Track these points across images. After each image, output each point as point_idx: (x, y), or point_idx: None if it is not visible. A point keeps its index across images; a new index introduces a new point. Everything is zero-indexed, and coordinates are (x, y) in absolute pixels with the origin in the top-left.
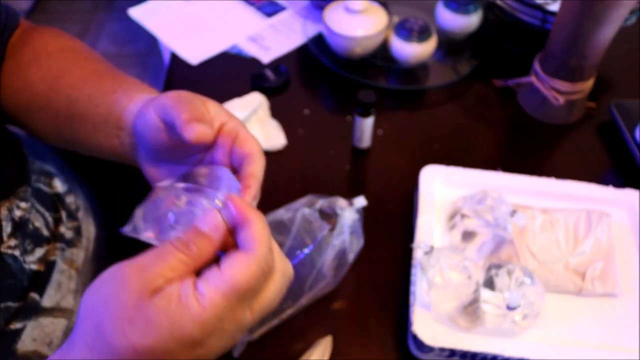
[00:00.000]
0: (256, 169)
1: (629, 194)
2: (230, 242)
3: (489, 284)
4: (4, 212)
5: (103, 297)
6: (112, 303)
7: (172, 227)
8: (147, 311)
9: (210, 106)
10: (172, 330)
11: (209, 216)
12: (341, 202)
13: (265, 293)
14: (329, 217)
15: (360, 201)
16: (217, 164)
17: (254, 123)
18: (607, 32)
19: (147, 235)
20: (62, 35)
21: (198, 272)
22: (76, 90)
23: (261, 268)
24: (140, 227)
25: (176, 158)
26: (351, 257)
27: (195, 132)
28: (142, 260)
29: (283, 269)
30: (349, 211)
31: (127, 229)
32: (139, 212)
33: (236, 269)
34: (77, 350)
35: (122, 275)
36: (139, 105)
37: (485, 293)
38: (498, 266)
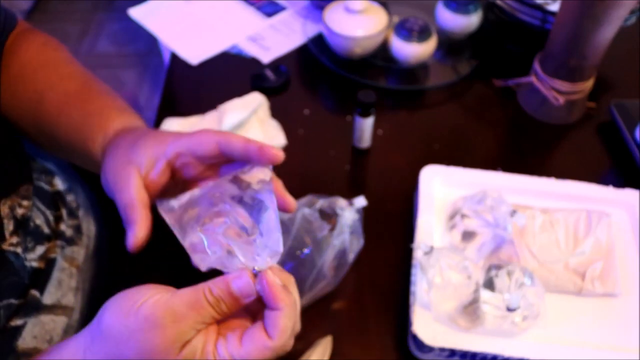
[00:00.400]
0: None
1: (629, 194)
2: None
3: (489, 284)
4: (6, 210)
5: (136, 336)
6: (143, 344)
7: (195, 240)
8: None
9: (142, 152)
10: None
11: (244, 282)
12: (341, 202)
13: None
14: (329, 217)
15: (360, 201)
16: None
17: (254, 123)
18: (607, 32)
19: (171, 222)
20: (48, 44)
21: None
22: (54, 118)
23: (276, 353)
24: (172, 209)
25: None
26: (351, 257)
27: (130, 246)
28: (178, 309)
29: (296, 333)
30: (349, 211)
31: (160, 204)
32: (183, 198)
33: (253, 350)
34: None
35: (159, 322)
36: (100, 151)
37: (485, 294)
38: (498, 267)
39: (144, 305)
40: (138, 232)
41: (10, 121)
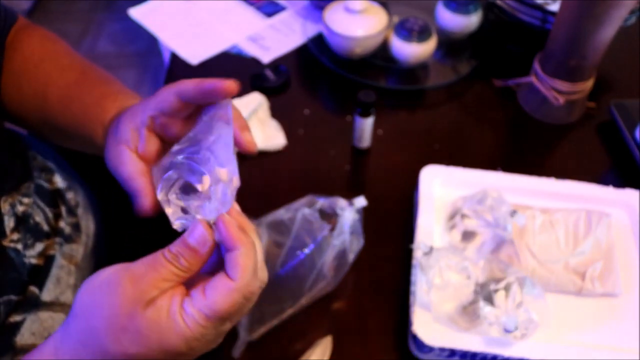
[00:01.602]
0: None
1: (629, 194)
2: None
3: (489, 298)
4: (7, 207)
5: (99, 302)
6: (107, 309)
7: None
8: (139, 321)
9: (128, 121)
10: (160, 341)
11: (198, 232)
12: (341, 202)
13: (246, 308)
14: (329, 217)
15: (361, 201)
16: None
17: (254, 123)
18: (607, 32)
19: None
20: (48, 38)
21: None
22: (58, 112)
23: (243, 295)
24: (154, 173)
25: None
26: (351, 257)
27: (139, 212)
28: (136, 269)
29: (262, 281)
30: (349, 211)
31: (152, 171)
32: (164, 160)
33: (218, 296)
34: (71, 344)
35: (118, 283)
36: (103, 140)
37: (485, 308)
38: (498, 280)
39: (104, 273)
40: (142, 200)
41: (16, 115)
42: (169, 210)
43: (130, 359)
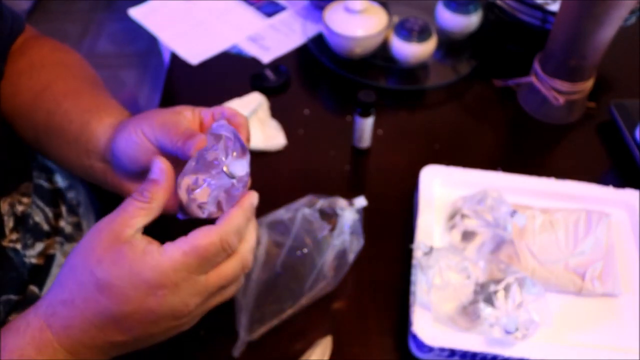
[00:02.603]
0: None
1: (629, 194)
2: None
3: (489, 300)
4: (6, 207)
5: (80, 246)
6: (86, 248)
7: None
8: (113, 255)
9: (186, 109)
10: (131, 273)
11: (155, 165)
12: (341, 202)
13: (223, 268)
14: (329, 217)
15: (361, 201)
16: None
17: (254, 123)
18: (607, 32)
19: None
20: (60, 49)
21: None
22: (56, 104)
23: (221, 239)
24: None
25: None
26: (351, 257)
27: (194, 148)
28: (111, 214)
29: (243, 255)
30: (349, 211)
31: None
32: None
33: (199, 234)
34: (52, 290)
35: (96, 228)
36: (108, 130)
37: (485, 309)
38: (498, 281)
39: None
40: (203, 138)
41: (4, 112)
42: (195, 206)
43: (101, 292)
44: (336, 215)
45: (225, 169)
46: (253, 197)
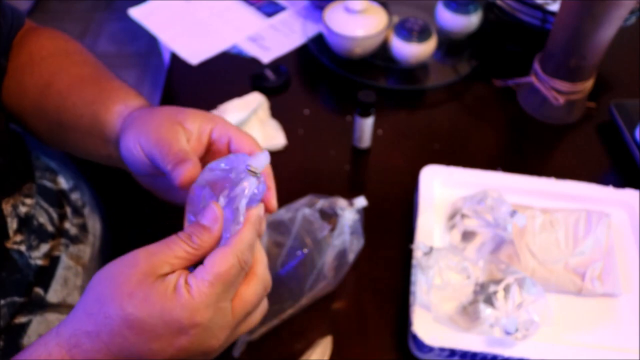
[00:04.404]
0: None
1: (628, 194)
2: None
3: (489, 300)
4: (9, 208)
5: (111, 273)
6: (118, 277)
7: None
8: (146, 290)
9: (192, 120)
10: (162, 312)
11: (209, 211)
12: (341, 202)
13: (244, 290)
14: (329, 217)
15: (361, 201)
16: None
17: (254, 123)
18: (607, 32)
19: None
20: (58, 37)
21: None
22: (63, 99)
23: (237, 258)
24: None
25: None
26: (351, 257)
27: (180, 178)
28: (152, 247)
29: (263, 276)
30: (350, 211)
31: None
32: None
33: (215, 259)
34: (77, 317)
35: (133, 257)
36: (118, 121)
37: (485, 310)
38: (497, 281)
39: (123, 255)
40: (191, 167)
41: (13, 111)
42: None
43: (130, 327)
44: (336, 215)
45: (250, 166)
46: (259, 209)
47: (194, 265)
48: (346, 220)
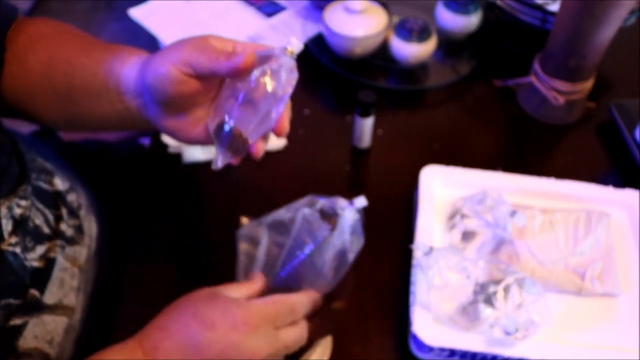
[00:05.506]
0: None
1: (628, 194)
2: None
3: (488, 300)
4: (4, 210)
5: (183, 297)
6: (189, 296)
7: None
8: (214, 297)
9: (211, 40)
10: (224, 308)
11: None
12: (341, 202)
13: (290, 331)
14: (329, 217)
15: (361, 201)
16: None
17: None
18: (607, 32)
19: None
20: (54, 21)
21: None
22: (71, 65)
23: (293, 303)
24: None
25: (194, 105)
26: (351, 257)
27: (245, 58)
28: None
29: (303, 329)
30: (350, 211)
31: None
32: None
33: (276, 296)
34: (152, 321)
35: (199, 290)
36: (135, 67)
37: (485, 310)
38: (497, 282)
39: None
40: (249, 49)
41: (16, 96)
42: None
43: (195, 315)
44: (336, 215)
45: (288, 48)
46: (312, 292)
47: None
48: (346, 220)
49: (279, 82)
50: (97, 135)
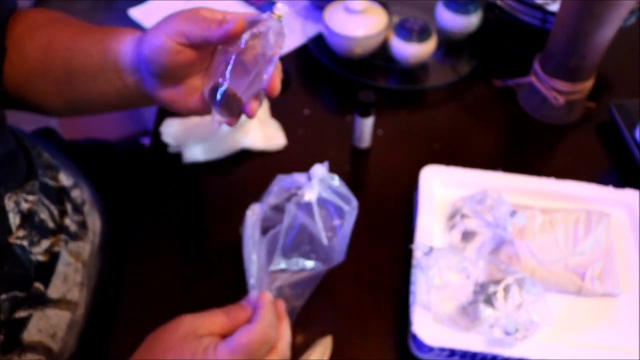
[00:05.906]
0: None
1: (628, 194)
2: None
3: (488, 300)
4: (11, 204)
5: (161, 329)
6: (164, 333)
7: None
8: (183, 345)
9: (202, 11)
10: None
11: (250, 297)
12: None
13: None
14: (289, 197)
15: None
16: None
17: (253, 123)
18: (607, 32)
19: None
20: (49, 10)
21: None
22: (69, 49)
23: (259, 334)
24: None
25: (190, 74)
26: (342, 223)
27: (237, 23)
28: (198, 314)
29: (282, 351)
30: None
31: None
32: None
33: (241, 332)
34: None
35: (181, 319)
36: (130, 44)
37: (485, 310)
38: (497, 282)
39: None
40: (239, 16)
41: (15, 84)
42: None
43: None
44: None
45: (275, 12)
46: (266, 295)
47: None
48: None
49: (267, 43)
50: (98, 135)
